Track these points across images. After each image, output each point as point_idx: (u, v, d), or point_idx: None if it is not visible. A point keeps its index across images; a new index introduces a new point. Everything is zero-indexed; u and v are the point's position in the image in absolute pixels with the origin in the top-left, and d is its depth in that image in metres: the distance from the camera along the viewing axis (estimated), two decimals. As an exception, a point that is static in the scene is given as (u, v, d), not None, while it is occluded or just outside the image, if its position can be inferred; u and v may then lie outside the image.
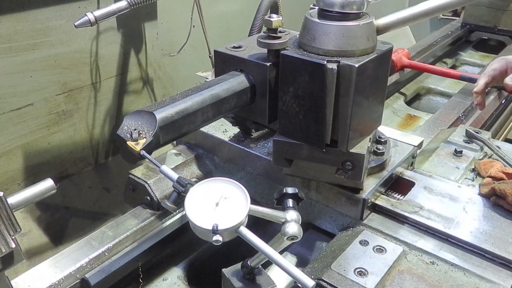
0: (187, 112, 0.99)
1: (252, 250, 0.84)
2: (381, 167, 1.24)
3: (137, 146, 0.89)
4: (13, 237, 0.76)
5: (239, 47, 1.15)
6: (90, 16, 1.50)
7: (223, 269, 1.00)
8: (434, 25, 3.59)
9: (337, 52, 0.98)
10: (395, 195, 1.26)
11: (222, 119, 1.40)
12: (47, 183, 0.81)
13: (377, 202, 1.20)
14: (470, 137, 1.53)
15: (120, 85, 2.04)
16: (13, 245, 0.76)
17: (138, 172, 1.35)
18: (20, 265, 0.87)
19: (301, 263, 1.21)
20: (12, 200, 0.77)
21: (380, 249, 1.07)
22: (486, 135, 1.52)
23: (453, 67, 2.73)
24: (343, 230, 1.18)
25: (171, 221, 1.29)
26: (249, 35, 1.56)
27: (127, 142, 0.90)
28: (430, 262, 1.04)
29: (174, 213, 1.30)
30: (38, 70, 1.70)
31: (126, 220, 1.26)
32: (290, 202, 0.87)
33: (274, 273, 1.04)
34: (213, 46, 1.76)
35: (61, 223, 1.90)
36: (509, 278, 0.99)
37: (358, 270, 1.00)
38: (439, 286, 0.98)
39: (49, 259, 1.12)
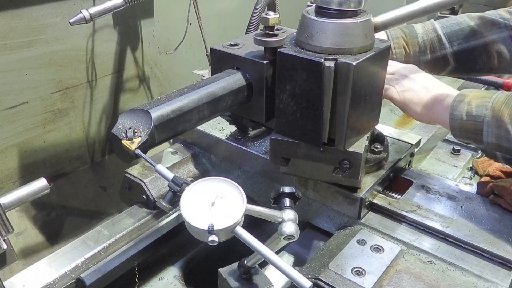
0: (183, 111, 0.98)
1: (249, 250, 0.83)
2: (378, 165, 1.23)
3: (132, 145, 0.88)
4: (5, 238, 0.75)
5: (236, 44, 1.14)
6: (85, 13, 1.48)
7: (219, 269, 0.99)
8: (431, 23, 3.58)
9: (334, 50, 0.97)
10: (393, 194, 1.25)
11: (219, 117, 1.39)
12: (40, 183, 0.81)
13: (375, 201, 1.19)
14: (468, 136, 1.52)
15: (117, 83, 2.02)
16: (5, 246, 0.75)
17: (134, 171, 1.34)
18: (16, 264, 0.86)
19: (299, 262, 1.21)
20: (4, 200, 0.76)
21: (378, 248, 1.06)
22: (484, 133, 1.51)
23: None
24: (340, 229, 1.17)
25: (168, 220, 1.28)
26: (246, 33, 1.55)
27: (122, 141, 0.89)
28: (428, 261, 1.04)
29: (171, 212, 1.29)
30: (33, 68, 1.68)
31: (122, 219, 1.25)
32: (287, 202, 0.86)
33: (271, 272, 1.03)
34: (210, 44, 1.75)
35: (57, 222, 1.89)
36: (507, 277, 0.99)
37: (356, 269, 1.00)
38: (436, 285, 0.97)
39: (45, 259, 1.11)
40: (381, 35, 1.33)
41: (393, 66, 1.23)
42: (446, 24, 1.39)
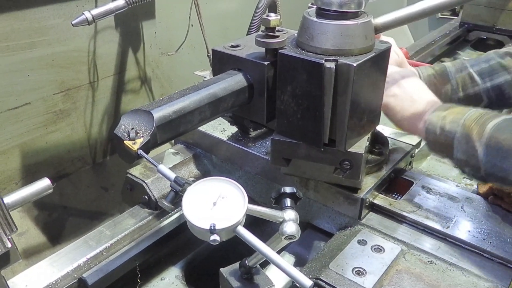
0: (184, 111, 0.99)
1: (250, 250, 0.83)
2: (379, 166, 1.24)
3: (135, 145, 0.89)
4: (9, 237, 0.76)
5: (237, 46, 1.15)
6: (88, 14, 1.50)
7: (221, 269, 1.00)
8: (432, 25, 3.59)
9: (335, 51, 0.98)
10: (393, 195, 1.26)
11: (220, 118, 1.40)
12: (44, 183, 0.81)
13: (375, 201, 1.20)
14: (468, 137, 1.52)
15: (118, 84, 2.03)
16: (9, 245, 0.75)
17: (136, 171, 1.34)
18: (18, 264, 0.86)
19: (299, 263, 1.21)
20: (8, 199, 0.77)
21: (378, 249, 1.07)
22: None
23: (452, 66, 2.72)
24: (341, 229, 1.17)
25: (169, 220, 1.29)
26: (247, 34, 1.56)
27: (124, 142, 0.90)
28: (428, 261, 1.04)
29: (172, 212, 1.30)
30: (35, 69, 1.69)
31: (124, 219, 1.26)
32: (288, 202, 0.87)
33: (272, 272, 1.04)
34: (211, 45, 1.76)
35: (58, 222, 1.89)
36: (507, 277, 0.99)
37: (356, 269, 1.00)
38: (437, 285, 0.97)
39: (47, 259, 1.11)
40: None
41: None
42: (476, 61, 1.40)
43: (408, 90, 1.18)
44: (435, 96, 1.19)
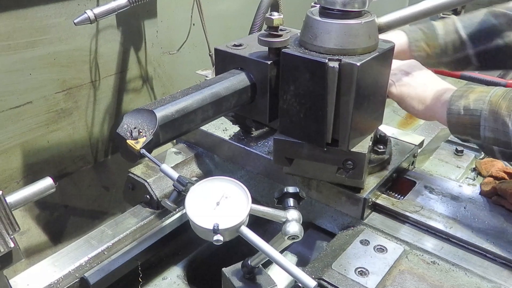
0: (187, 111, 0.98)
1: (252, 249, 0.83)
2: (382, 166, 1.23)
3: (137, 144, 0.88)
4: (11, 236, 0.76)
5: (240, 45, 1.14)
6: (90, 13, 1.49)
7: (223, 269, 0.99)
8: (434, 24, 3.58)
9: (338, 50, 0.97)
10: (396, 195, 1.25)
11: (222, 117, 1.39)
12: (46, 182, 0.81)
13: (378, 201, 1.19)
14: (471, 136, 1.52)
15: (120, 83, 2.03)
16: (12, 245, 0.75)
17: (137, 170, 1.34)
18: (19, 263, 0.86)
19: (302, 263, 1.21)
20: (10, 199, 0.77)
21: (381, 249, 1.06)
22: (487, 134, 1.51)
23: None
24: (343, 229, 1.17)
25: (171, 220, 1.29)
26: (249, 34, 1.56)
27: (127, 141, 0.89)
28: (431, 262, 1.04)
29: (174, 212, 1.29)
30: (37, 68, 1.69)
31: (126, 219, 1.26)
32: (291, 202, 0.86)
33: (274, 272, 1.03)
34: (213, 45, 1.76)
35: (60, 221, 1.90)
36: (510, 278, 0.99)
37: (359, 269, 1.00)
38: (440, 286, 0.97)
39: (48, 258, 1.11)
40: (401, 36, 1.34)
41: (394, 63, 1.23)
42: (469, 23, 1.35)
43: (419, 78, 1.18)
44: (446, 82, 1.18)
